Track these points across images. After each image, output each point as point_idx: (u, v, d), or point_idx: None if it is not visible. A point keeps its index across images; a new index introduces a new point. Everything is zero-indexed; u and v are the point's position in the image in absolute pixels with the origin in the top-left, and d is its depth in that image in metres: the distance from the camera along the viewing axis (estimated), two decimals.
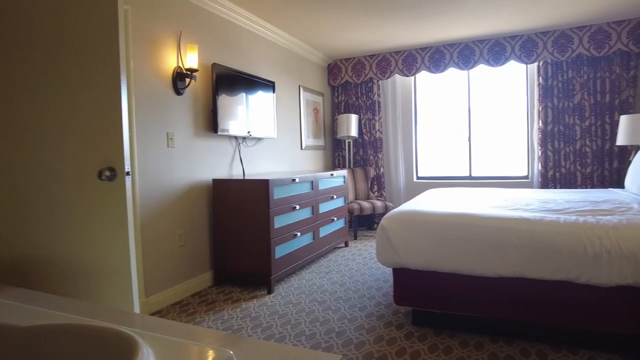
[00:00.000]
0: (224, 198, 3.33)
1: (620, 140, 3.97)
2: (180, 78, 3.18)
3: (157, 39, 3.00)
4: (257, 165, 4.15)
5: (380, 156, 5.64)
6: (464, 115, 5.41)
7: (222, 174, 3.64)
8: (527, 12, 4.07)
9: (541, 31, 4.68)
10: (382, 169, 5.65)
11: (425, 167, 5.75)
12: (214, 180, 3.39)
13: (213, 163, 3.55)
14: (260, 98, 4.01)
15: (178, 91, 3.18)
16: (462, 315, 2.37)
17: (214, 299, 3.14)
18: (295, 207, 3.48)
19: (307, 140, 5.19)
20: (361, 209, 4.93)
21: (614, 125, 4.46)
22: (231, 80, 3.60)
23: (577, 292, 2.06)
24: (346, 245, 4.70)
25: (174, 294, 3.11)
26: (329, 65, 5.83)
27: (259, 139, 4.12)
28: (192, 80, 3.26)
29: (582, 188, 4.59)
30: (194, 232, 3.33)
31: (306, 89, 5.18)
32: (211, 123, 3.48)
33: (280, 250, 3.31)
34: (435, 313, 2.44)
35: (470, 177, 5.42)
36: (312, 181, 3.81)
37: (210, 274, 3.47)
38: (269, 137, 4.19)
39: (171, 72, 3.14)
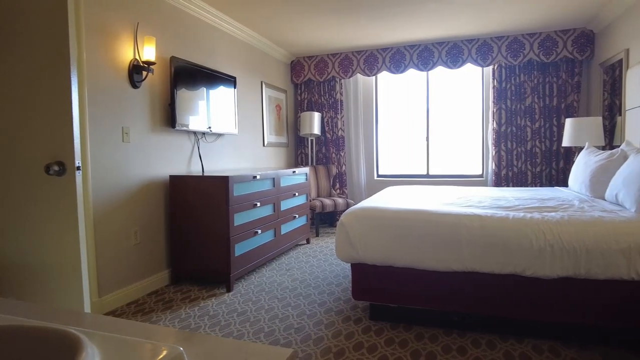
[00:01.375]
0: (181, 195, 3.26)
1: (566, 142, 4.21)
2: (136, 71, 3.08)
3: (112, 30, 2.89)
4: (218, 162, 4.08)
5: (342, 154, 5.70)
6: (423, 115, 5.56)
7: (180, 170, 3.56)
8: (482, 17, 4.24)
9: (496, 36, 4.88)
10: (344, 167, 5.71)
11: (386, 166, 5.87)
12: (171, 176, 3.31)
13: (171, 159, 3.46)
14: (221, 93, 3.95)
15: (134, 84, 3.08)
16: (418, 309, 2.45)
17: (172, 297, 3.07)
18: (256, 204, 3.46)
19: (270, 137, 5.17)
20: (323, 206, 4.96)
21: (561, 127, 4.73)
22: (190, 75, 3.52)
23: (524, 285, 2.17)
24: (308, 242, 4.72)
25: (130, 293, 3.01)
26: (292, 62, 5.82)
27: (219, 135, 4.06)
28: (150, 74, 3.16)
29: (532, 186, 4.83)
30: (151, 229, 3.24)
31: (269, 86, 5.15)
32: (169, 118, 3.39)
33: (240, 248, 3.28)
34: (392, 307, 2.51)
35: (428, 176, 5.58)
36: (273, 178, 3.80)
37: (167, 273, 3.39)
38: (230, 133, 4.14)
39: (127, 64, 3.03)
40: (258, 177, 3.50)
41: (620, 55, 3.84)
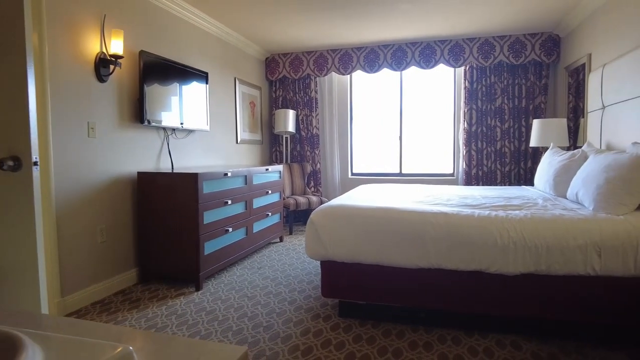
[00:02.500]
0: (150, 192, 3.19)
1: (533, 142, 4.34)
2: (103, 64, 3.00)
3: (77, 21, 2.80)
4: (189, 159, 4.02)
5: (317, 152, 5.70)
6: (396, 115, 5.62)
7: (149, 166, 3.49)
8: (454, 19, 4.31)
9: (468, 37, 4.97)
10: (318, 165, 5.71)
11: (360, 164, 5.90)
12: (139, 173, 3.24)
13: (139, 155, 3.39)
14: (192, 89, 3.89)
15: (101, 78, 3.00)
16: (387, 306, 2.48)
17: (139, 297, 3.01)
18: (227, 202, 3.43)
19: (243, 135, 5.12)
20: (297, 204, 4.96)
21: (529, 128, 4.86)
22: (160, 69, 3.45)
23: (488, 281, 2.22)
24: (281, 240, 4.71)
25: (95, 292, 2.94)
26: (267, 59, 5.78)
27: (190, 131, 3.99)
28: (117, 68, 3.08)
29: (501, 185, 4.95)
30: (118, 227, 3.16)
31: (242, 82, 5.10)
32: (138, 113, 3.32)
33: (210, 246, 3.24)
34: (361, 304, 2.53)
35: (401, 174, 5.65)
36: (245, 176, 3.76)
37: (135, 271, 3.32)
38: (201, 130, 4.07)
39: (93, 57, 2.95)
40: (229, 174, 3.46)
41: (583, 59, 3.98)
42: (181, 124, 3.69)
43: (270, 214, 4.25)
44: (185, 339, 0.96)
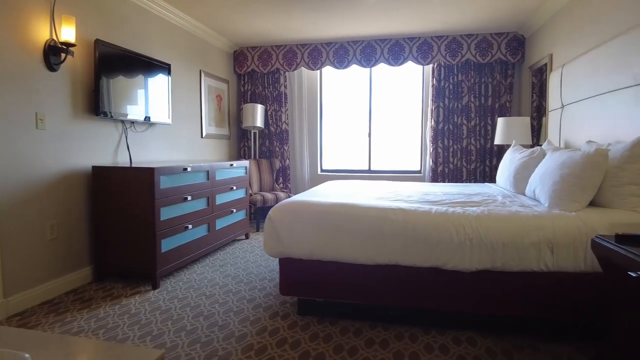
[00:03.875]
0: (105, 187, 3.06)
1: (498, 140, 4.40)
2: (54, 52, 2.84)
3: (22, 5, 2.64)
4: (150, 153, 3.88)
5: (286, 148, 5.63)
6: (366, 111, 5.61)
7: (105, 160, 3.34)
8: (423, 16, 4.31)
9: (436, 35, 4.99)
10: (287, 161, 5.64)
11: (330, 161, 5.87)
12: (94, 167, 3.10)
13: (95, 148, 3.24)
14: (153, 80, 3.75)
15: (51, 67, 2.84)
16: (345, 303, 2.44)
17: (92, 296, 2.88)
18: (186, 197, 3.32)
19: (209, 129, 5.00)
20: (264, 200, 4.88)
21: (495, 126, 4.93)
22: (118, 59, 3.31)
23: (446, 278, 2.22)
24: (247, 237, 4.62)
25: (44, 292, 2.79)
26: (235, 52, 5.66)
27: (150, 124, 3.85)
28: (69, 56, 2.93)
29: (467, 182, 5.01)
30: (70, 223, 3.02)
31: (209, 75, 4.98)
32: (93, 104, 3.17)
33: (168, 244, 3.13)
34: (320, 302, 2.48)
35: (369, 171, 5.65)
36: (207, 171, 3.66)
37: (90, 269, 3.18)
38: (163, 123, 3.94)
39: (42, 45, 2.79)
40: (189, 169, 3.35)
41: (545, 59, 4.05)
42: (140, 116, 3.56)
43: (235, 210, 4.16)
44: (99, 343, 0.91)
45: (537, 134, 4.41)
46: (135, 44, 3.66)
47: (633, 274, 1.45)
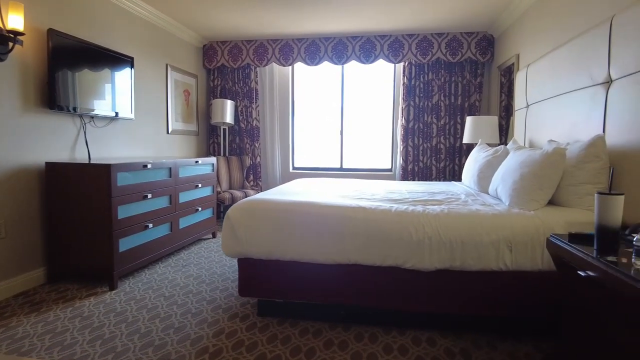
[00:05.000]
0: (60, 184, 2.92)
1: (466, 139, 4.43)
2: (0, 41, 2.68)
3: None
4: (111, 149, 3.74)
5: (257, 145, 5.54)
6: (338, 109, 5.57)
7: (61, 157, 3.19)
8: (394, 13, 4.29)
9: (407, 33, 4.99)
10: (258, 159, 5.55)
11: (302, 158, 5.81)
12: (47, 163, 2.95)
13: (49, 144, 3.09)
14: (115, 74, 3.60)
15: None
16: (306, 304, 2.39)
17: (43, 298, 2.74)
18: (147, 195, 3.20)
19: (176, 125, 4.86)
20: (233, 198, 4.78)
21: (464, 125, 4.97)
22: (75, 51, 3.16)
23: (405, 277, 2.19)
24: (214, 236, 4.52)
25: None
26: (204, 46, 5.52)
27: (111, 119, 3.71)
28: (18, 45, 2.77)
29: (436, 181, 5.04)
30: (20, 222, 2.86)
31: (175, 69, 4.84)
32: (47, 97, 3.02)
33: (127, 243, 3.01)
34: (280, 303, 2.43)
35: (341, 169, 5.61)
36: (170, 168, 3.54)
37: (43, 271, 3.03)
38: (125, 118, 3.80)
39: None
40: (149, 166, 3.24)
41: (512, 59, 4.10)
42: (101, 111, 3.42)
43: (200, 208, 4.05)
44: None
45: (505, 133, 4.46)
46: (94, 35, 3.51)
47: (582, 273, 1.45)
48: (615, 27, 2.17)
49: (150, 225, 3.26)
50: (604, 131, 2.25)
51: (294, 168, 5.78)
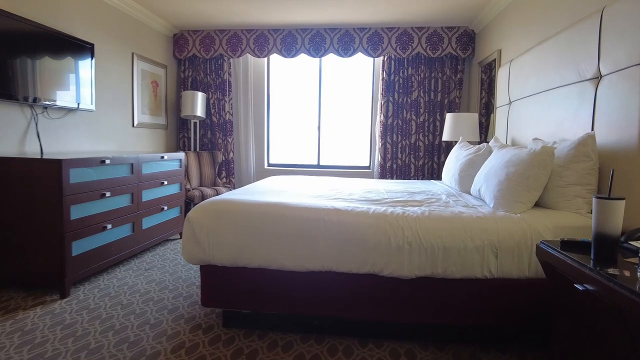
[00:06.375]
0: (4, 181, 2.62)
1: (446, 136, 4.30)
2: None
3: None
4: (68, 143, 3.44)
5: (230, 140, 5.29)
6: (315, 103, 5.37)
7: (9, 151, 2.89)
8: (373, 4, 4.11)
9: (387, 27, 4.83)
10: (231, 154, 5.31)
11: (277, 154, 5.59)
12: None
13: None
14: (73, 61, 3.31)
15: None
16: (276, 314, 2.20)
17: None
18: (105, 194, 2.94)
19: (142, 117, 4.57)
20: (203, 196, 4.53)
21: (443, 122, 4.85)
22: (24, 34, 2.86)
23: (383, 285, 2.02)
24: (182, 236, 4.25)
25: None
26: (175, 35, 5.23)
27: (68, 110, 3.41)
28: None
29: (414, 179, 4.91)
30: None
31: (143, 58, 4.54)
32: None
33: (82, 246, 2.75)
34: (247, 312, 2.23)
35: (318, 166, 5.43)
36: (132, 164, 3.28)
37: None
38: (84, 109, 3.50)
39: None
40: (108, 161, 2.97)
41: (494, 55, 3.98)
42: (55, 101, 3.13)
43: (166, 207, 3.80)
44: None
45: (485, 131, 4.36)
46: (47, 17, 3.20)
47: (579, 287, 1.31)
48: (606, 19, 2.05)
49: (109, 226, 3.00)
50: (592, 129, 2.13)
51: (269, 164, 5.56)
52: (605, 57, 2.04)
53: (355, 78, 5.34)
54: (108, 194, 2.97)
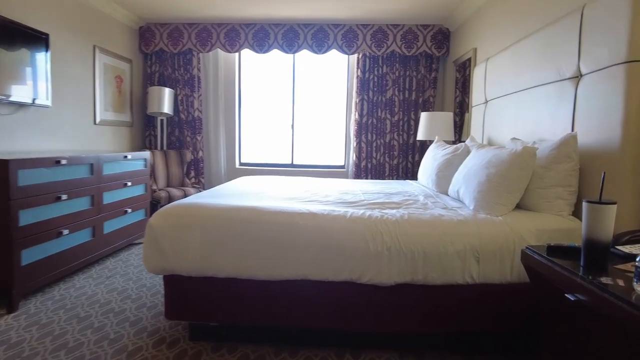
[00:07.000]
0: None
1: (420, 136, 4.25)
2: None
3: None
4: (20, 142, 3.17)
5: (199, 138, 5.07)
6: (289, 101, 5.23)
7: None
8: (348, 0, 4.01)
9: (362, 23, 4.73)
10: (201, 153, 5.09)
11: (249, 153, 5.41)
12: None
13: None
14: (27, 53, 3.04)
15: None
16: (249, 325, 2.06)
17: None
18: (60, 197, 2.71)
19: (105, 114, 4.30)
20: (170, 197, 4.31)
21: (418, 121, 4.80)
22: None
23: (362, 293, 1.91)
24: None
25: None
26: (141, 28, 4.96)
27: (20, 105, 3.14)
28: None
29: (389, 179, 4.85)
30: None
31: (105, 52, 4.27)
32: None
33: (33, 254, 2.52)
34: (216, 324, 2.07)
35: (292, 165, 5.29)
36: (92, 164, 3.05)
37: None
38: (39, 105, 3.24)
39: None
40: (64, 162, 2.74)
41: (469, 53, 3.95)
42: (9, 95, 2.87)
43: (130, 210, 3.57)
44: None
45: (459, 130, 4.33)
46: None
47: (571, 297, 1.23)
48: (586, 17, 2.00)
49: (66, 232, 2.77)
50: (572, 129, 2.09)
51: (240, 164, 5.38)
52: (585, 56, 2.00)
53: (330, 76, 5.23)
54: (64, 196, 2.74)
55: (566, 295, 1.24)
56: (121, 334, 2.15)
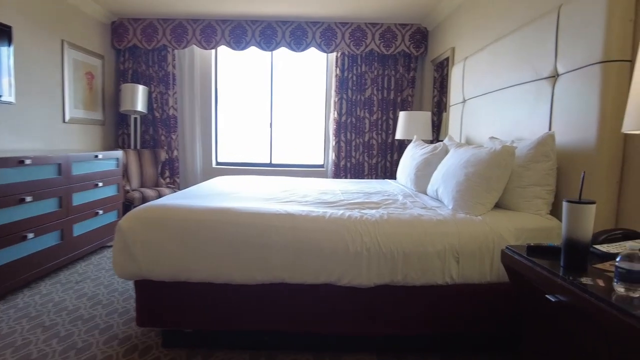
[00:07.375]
0: None
1: (399, 135, 4.24)
2: None
3: None
4: None
5: (174, 137, 4.94)
6: (267, 99, 5.15)
7: None
8: None
9: (341, 21, 4.70)
10: (176, 152, 4.96)
11: (226, 153, 5.31)
12: None
13: None
14: None
15: None
16: (223, 331, 1.99)
17: None
18: (24, 198, 2.57)
19: (75, 112, 4.14)
20: (144, 198, 4.18)
21: (396, 120, 4.80)
22: None
23: (341, 296, 1.87)
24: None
25: None
26: (113, 23, 4.80)
27: None
28: None
29: (368, 178, 4.83)
30: None
31: (75, 47, 4.10)
32: None
33: None
34: (189, 331, 2.00)
35: (270, 165, 5.22)
36: (60, 164, 2.91)
37: None
38: (4, 102, 3.08)
39: None
40: (29, 161, 2.61)
41: (447, 53, 3.96)
42: None
43: (101, 211, 3.44)
44: None
45: (437, 130, 4.34)
46: None
47: (552, 298, 1.22)
48: (563, 17, 2.01)
49: (31, 235, 2.64)
50: (550, 128, 2.10)
51: (217, 163, 5.27)
52: (562, 56, 2.01)
53: (309, 74, 5.18)
54: (29, 198, 2.61)
55: (547, 296, 1.23)
56: (90, 343, 2.04)
